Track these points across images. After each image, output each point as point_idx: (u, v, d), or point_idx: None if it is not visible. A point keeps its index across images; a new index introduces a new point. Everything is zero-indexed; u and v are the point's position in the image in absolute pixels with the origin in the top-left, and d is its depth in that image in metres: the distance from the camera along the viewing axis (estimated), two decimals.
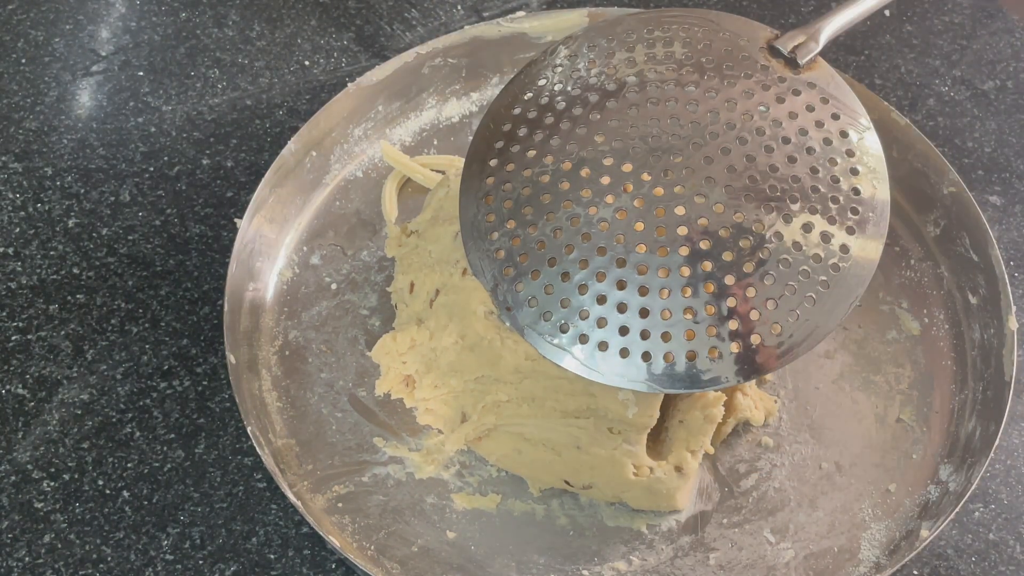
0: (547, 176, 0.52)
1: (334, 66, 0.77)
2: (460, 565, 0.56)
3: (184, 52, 0.77)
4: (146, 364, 0.63)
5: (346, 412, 0.61)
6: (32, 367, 0.62)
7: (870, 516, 0.58)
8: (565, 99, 0.53)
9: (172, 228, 0.68)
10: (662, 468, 0.57)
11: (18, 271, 0.66)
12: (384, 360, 0.61)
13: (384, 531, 0.57)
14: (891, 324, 0.65)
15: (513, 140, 0.53)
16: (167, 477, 0.59)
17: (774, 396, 0.61)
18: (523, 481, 0.59)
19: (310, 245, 0.67)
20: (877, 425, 0.61)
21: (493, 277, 0.52)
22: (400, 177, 0.69)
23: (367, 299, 0.65)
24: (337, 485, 0.58)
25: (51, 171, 0.70)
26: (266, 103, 0.75)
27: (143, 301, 0.65)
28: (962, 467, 0.58)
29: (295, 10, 0.80)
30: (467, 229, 0.53)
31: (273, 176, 0.64)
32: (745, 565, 0.56)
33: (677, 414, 0.58)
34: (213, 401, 0.61)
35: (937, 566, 0.58)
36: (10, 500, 0.58)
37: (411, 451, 0.59)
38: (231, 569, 0.56)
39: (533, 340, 0.51)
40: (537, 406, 0.57)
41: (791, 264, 0.49)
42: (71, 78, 0.76)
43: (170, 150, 0.72)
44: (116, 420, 0.61)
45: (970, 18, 0.84)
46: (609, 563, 0.56)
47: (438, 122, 0.72)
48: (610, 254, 0.50)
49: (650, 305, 0.50)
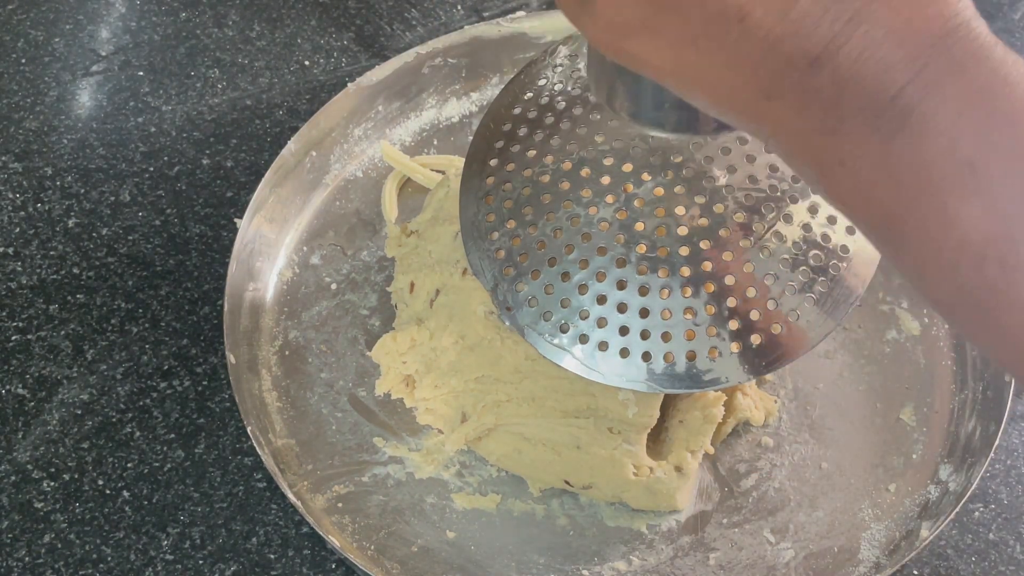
0: (547, 176, 0.52)
1: (334, 66, 0.77)
2: (460, 565, 0.56)
3: (184, 52, 0.77)
4: (146, 364, 0.63)
5: (346, 412, 0.60)
6: (32, 367, 0.62)
7: (870, 516, 0.58)
8: (565, 99, 0.53)
9: (172, 228, 0.68)
10: (662, 468, 0.57)
11: (18, 271, 0.66)
12: (384, 360, 0.61)
13: (384, 531, 0.57)
14: (891, 324, 0.65)
15: (513, 140, 0.53)
16: (167, 477, 0.59)
17: (774, 396, 0.61)
18: (523, 481, 0.59)
19: (310, 245, 0.67)
20: (877, 425, 0.61)
21: (493, 277, 0.52)
22: (400, 177, 0.69)
23: (367, 299, 0.65)
24: (337, 485, 0.58)
25: (51, 171, 0.70)
26: (266, 103, 0.75)
27: (143, 301, 0.65)
28: (962, 467, 0.58)
29: (295, 10, 0.80)
30: (467, 229, 0.53)
31: (273, 176, 0.64)
32: (745, 565, 0.56)
33: (677, 414, 0.58)
34: (213, 401, 0.61)
35: (937, 566, 0.58)
36: (10, 500, 0.58)
37: (411, 451, 0.59)
38: (231, 569, 0.56)
39: (533, 340, 0.51)
40: (537, 406, 0.57)
41: (791, 264, 0.49)
42: (71, 78, 0.76)
43: (170, 150, 0.72)
44: (116, 420, 0.61)
45: None
46: (609, 563, 0.56)
47: (438, 122, 0.72)
48: (610, 254, 0.50)
49: (650, 305, 0.49)
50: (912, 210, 0.32)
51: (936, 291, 0.34)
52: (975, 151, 0.31)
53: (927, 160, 0.32)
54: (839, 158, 0.33)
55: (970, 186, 0.31)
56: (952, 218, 0.32)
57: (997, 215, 0.31)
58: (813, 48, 0.32)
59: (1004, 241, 0.31)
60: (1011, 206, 0.31)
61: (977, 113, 0.31)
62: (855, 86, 0.32)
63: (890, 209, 0.33)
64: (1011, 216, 0.31)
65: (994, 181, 0.31)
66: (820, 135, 0.33)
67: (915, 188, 0.32)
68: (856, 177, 0.33)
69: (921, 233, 0.33)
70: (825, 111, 0.32)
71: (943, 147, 0.31)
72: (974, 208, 0.31)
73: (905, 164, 0.32)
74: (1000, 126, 0.31)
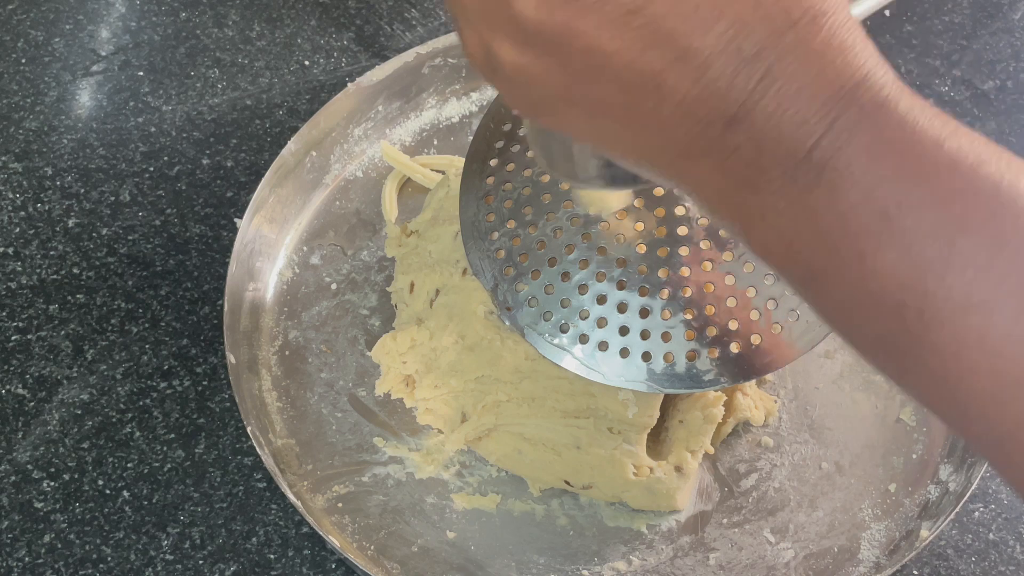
0: (547, 176, 0.52)
1: (334, 66, 0.77)
2: (460, 565, 0.56)
3: (184, 52, 0.77)
4: (146, 364, 0.63)
5: (346, 412, 0.60)
6: (32, 367, 0.62)
7: (870, 516, 0.58)
8: None
9: (172, 228, 0.68)
10: (662, 468, 0.57)
11: (18, 271, 0.66)
12: (384, 360, 0.61)
13: (384, 531, 0.57)
14: None
15: (513, 140, 0.53)
16: (167, 477, 0.59)
17: (774, 396, 0.61)
18: (523, 481, 0.59)
19: (310, 245, 0.67)
20: (877, 425, 0.61)
21: (493, 277, 0.52)
22: (400, 177, 0.69)
23: (367, 299, 0.65)
24: (337, 485, 0.58)
25: (51, 171, 0.70)
26: (266, 103, 0.75)
27: (143, 301, 0.65)
28: (962, 467, 0.58)
29: (295, 10, 0.80)
30: (467, 229, 0.53)
31: (273, 176, 0.64)
32: (745, 565, 0.56)
33: (677, 414, 0.58)
34: (213, 401, 0.61)
35: (937, 566, 0.58)
36: (10, 500, 0.58)
37: (411, 451, 0.59)
38: (231, 569, 0.56)
39: (533, 340, 0.51)
40: (537, 406, 0.57)
41: None
42: (71, 78, 0.76)
43: (170, 150, 0.72)
44: (116, 420, 0.61)
45: (970, 18, 0.84)
46: (609, 563, 0.56)
47: (438, 122, 0.72)
48: (610, 254, 0.50)
49: (650, 305, 0.49)
50: (832, 261, 0.33)
51: (858, 337, 0.35)
52: (888, 201, 0.31)
53: (843, 211, 0.32)
54: (760, 212, 0.33)
55: (885, 236, 0.32)
56: (870, 269, 0.32)
57: (912, 264, 0.32)
58: (729, 108, 0.32)
59: (920, 290, 0.32)
60: (926, 253, 0.31)
61: (888, 163, 0.31)
62: (772, 143, 0.32)
63: (811, 260, 0.33)
64: (926, 264, 0.31)
65: (908, 230, 0.31)
66: (740, 191, 0.33)
67: (833, 239, 0.32)
68: (778, 230, 0.33)
69: (841, 283, 0.33)
70: (744, 168, 0.33)
71: (858, 198, 0.32)
72: (889, 257, 0.32)
73: (823, 216, 0.32)
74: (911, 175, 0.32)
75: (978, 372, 0.32)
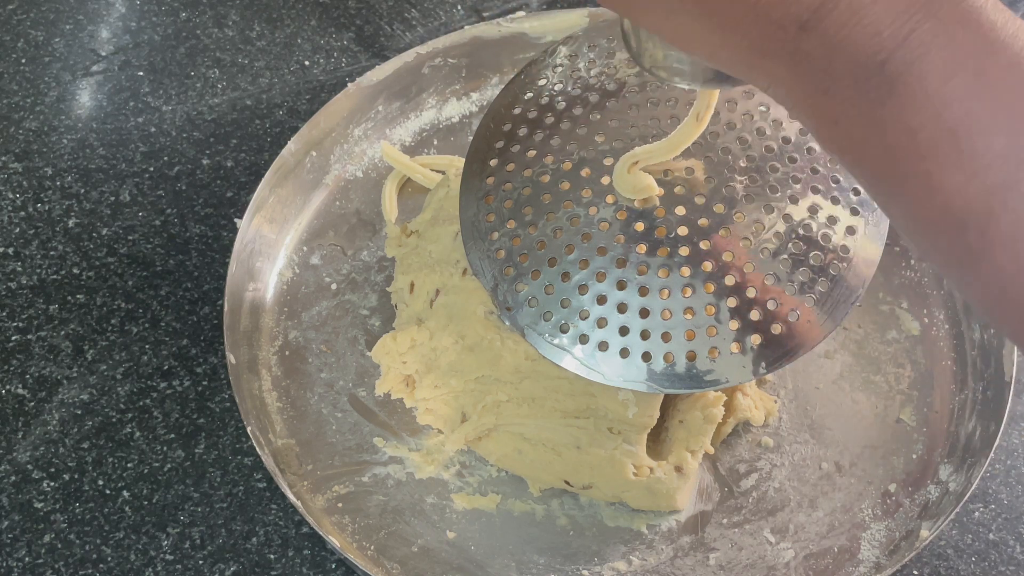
0: (547, 176, 0.52)
1: (334, 66, 0.77)
2: (460, 565, 0.56)
3: (184, 52, 0.77)
4: (146, 364, 0.63)
5: (346, 412, 0.61)
6: (32, 367, 0.62)
7: (870, 516, 0.58)
8: (565, 99, 0.53)
9: (172, 228, 0.68)
10: (662, 468, 0.57)
11: (18, 271, 0.66)
12: (384, 360, 0.61)
13: (384, 531, 0.57)
14: (891, 324, 0.65)
15: (513, 140, 0.53)
16: (167, 477, 0.59)
17: (774, 396, 0.61)
18: (523, 481, 0.59)
19: (310, 245, 0.67)
20: (877, 425, 0.61)
21: (493, 277, 0.52)
22: (400, 177, 0.69)
23: (367, 299, 0.65)
24: (337, 485, 0.58)
25: (51, 171, 0.70)
26: (266, 103, 0.75)
27: (143, 301, 0.65)
28: (962, 467, 0.58)
29: (295, 10, 0.80)
30: (467, 229, 0.53)
31: (273, 176, 0.64)
32: (745, 565, 0.56)
33: (677, 414, 0.58)
34: (213, 401, 0.61)
35: (937, 566, 0.58)
36: (10, 500, 0.58)
37: (411, 451, 0.59)
38: (231, 569, 0.56)
39: (533, 340, 0.51)
40: (537, 406, 0.57)
41: (791, 264, 0.49)
42: (71, 78, 0.76)
43: (170, 150, 0.72)
44: (116, 420, 0.61)
45: None
46: (609, 563, 0.56)
47: (438, 122, 0.72)
48: (610, 254, 0.50)
49: (650, 305, 0.50)
50: (899, 173, 0.33)
51: (922, 246, 0.35)
52: (960, 119, 0.32)
53: (913, 127, 0.32)
54: (833, 117, 0.34)
55: (953, 156, 0.32)
56: (936, 186, 0.32)
57: (978, 185, 0.32)
58: (802, 12, 0.32)
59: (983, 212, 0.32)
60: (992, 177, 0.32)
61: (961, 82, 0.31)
62: (844, 51, 0.32)
63: (880, 168, 0.34)
64: (991, 187, 0.32)
65: (976, 153, 0.32)
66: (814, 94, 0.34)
67: (902, 153, 0.33)
68: (849, 136, 0.34)
69: (907, 195, 0.34)
70: (816, 73, 0.33)
71: (929, 114, 0.32)
72: (956, 177, 0.32)
73: (893, 129, 0.32)
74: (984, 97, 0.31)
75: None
